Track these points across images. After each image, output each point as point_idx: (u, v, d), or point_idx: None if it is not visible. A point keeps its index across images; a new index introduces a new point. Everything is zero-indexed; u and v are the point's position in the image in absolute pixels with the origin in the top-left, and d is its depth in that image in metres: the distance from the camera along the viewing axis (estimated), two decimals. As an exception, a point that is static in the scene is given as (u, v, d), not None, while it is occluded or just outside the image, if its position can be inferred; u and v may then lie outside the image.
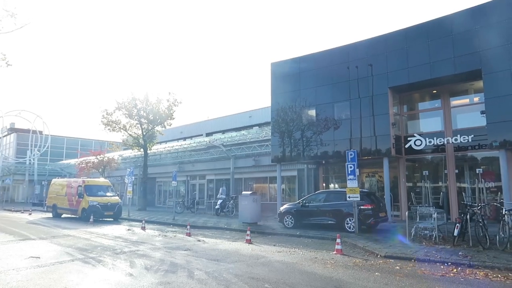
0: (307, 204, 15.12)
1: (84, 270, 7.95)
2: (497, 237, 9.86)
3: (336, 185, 21.28)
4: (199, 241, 12.51)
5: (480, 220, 10.27)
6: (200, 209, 26.57)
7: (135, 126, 28.45)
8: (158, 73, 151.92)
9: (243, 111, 31.36)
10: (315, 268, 8.17)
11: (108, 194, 22.03)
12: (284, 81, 20.94)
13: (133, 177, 24.17)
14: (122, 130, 28.61)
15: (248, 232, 12.38)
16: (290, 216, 15.37)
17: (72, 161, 43.76)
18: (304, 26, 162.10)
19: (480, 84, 15.07)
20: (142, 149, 28.70)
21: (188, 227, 14.45)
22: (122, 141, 31.48)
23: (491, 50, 14.34)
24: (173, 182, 21.11)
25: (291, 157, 20.24)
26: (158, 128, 28.85)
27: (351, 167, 13.22)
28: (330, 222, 14.25)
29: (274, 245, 11.50)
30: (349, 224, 13.61)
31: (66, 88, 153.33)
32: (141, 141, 28.27)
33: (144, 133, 27.87)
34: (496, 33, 14.27)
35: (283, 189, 24.43)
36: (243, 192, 18.55)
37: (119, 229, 16.30)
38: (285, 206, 16.37)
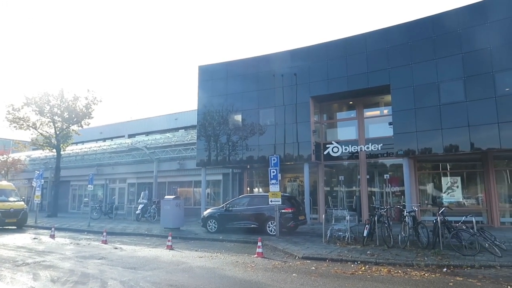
0: (230, 208, 15.21)
1: (-25, 286, 7.00)
2: (399, 236, 10.94)
3: (260, 189, 21.77)
4: (116, 248, 11.82)
5: (386, 222, 11.32)
6: (120, 215, 25.14)
7: (47, 124, 25.93)
8: (77, 70, 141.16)
9: (169, 113, 30.53)
10: (235, 272, 8.23)
11: (11, 199, 19.70)
12: (212, 85, 20.91)
13: (43, 180, 22.02)
14: (31, 128, 25.91)
15: (170, 238, 12.03)
16: (214, 221, 15.31)
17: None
18: (232, 31, 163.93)
19: (389, 98, 16.66)
20: (54, 150, 26.28)
21: (105, 234, 13.56)
22: (31, 140, 28.47)
23: (398, 68, 15.97)
24: (89, 185, 19.67)
25: (216, 161, 20.22)
26: (74, 127, 26.67)
27: (273, 172, 13.64)
28: (252, 225, 14.50)
29: (196, 250, 11.35)
30: (270, 228, 13.99)
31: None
32: (53, 141, 25.88)
33: (58, 132, 25.58)
34: (402, 53, 15.96)
35: (208, 193, 24.28)
36: (166, 197, 18.01)
37: (23, 238, 14.68)
38: (208, 210, 16.27)
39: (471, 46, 14.45)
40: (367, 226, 11.35)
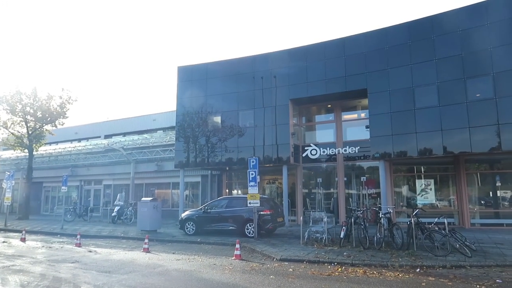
0: (209, 210, 15.11)
1: None
2: (375, 238, 11.15)
3: (239, 191, 21.75)
4: (90, 251, 11.53)
5: (362, 223, 11.52)
6: (95, 217, 24.52)
7: (19, 123, 25.00)
8: (52, 68, 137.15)
9: (147, 114, 30.08)
10: (213, 274, 8.18)
11: (-21, 201, 18.92)
12: (191, 86, 20.76)
13: (14, 182, 21.24)
14: (1, 127, 24.96)
15: (146, 241, 11.85)
16: (192, 223, 15.17)
17: None
18: (212, 32, 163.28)
19: (366, 101, 16.99)
20: (26, 150, 25.39)
21: (79, 236, 13.20)
22: (1, 140, 27.42)
23: (375, 72, 16.32)
24: (63, 187, 19.11)
25: (195, 163, 20.06)
26: (48, 127, 25.85)
27: (252, 174, 13.65)
28: (231, 228, 14.45)
29: (173, 253, 11.21)
30: (249, 230, 13.99)
31: None
32: (25, 141, 24.99)
33: (30, 132, 24.73)
34: (379, 57, 16.32)
35: (186, 195, 24.06)
36: (143, 199, 17.71)
37: (-9, 242, 14.12)
38: (186, 212, 16.11)
39: (444, 53, 14.94)
40: (344, 227, 11.51)
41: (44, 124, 25.15)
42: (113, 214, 21.03)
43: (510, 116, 13.48)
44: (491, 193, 16.32)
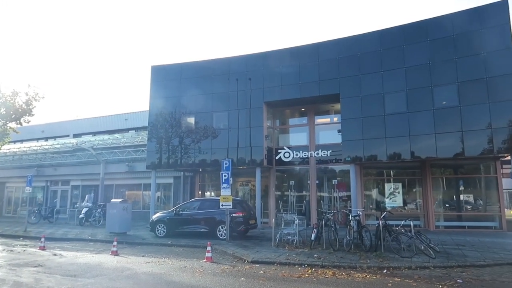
0: (180, 212, 14.93)
1: None
2: (345, 240, 11.38)
3: (213, 193, 21.61)
4: (55, 255, 11.12)
5: (333, 225, 11.73)
6: (61, 219, 23.65)
7: (-21, 120, 23.81)
8: (18, 64, 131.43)
9: (118, 113, 29.32)
10: (183, 277, 8.08)
11: None
12: (165, 86, 20.47)
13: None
14: (-40, 124, 23.64)
15: (115, 243, 11.56)
16: (163, 225, 14.94)
17: None
18: (188, 32, 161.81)
19: (338, 106, 17.32)
20: (-12, 148, 24.17)
21: (43, 239, 12.70)
22: (-40, 137, 25.97)
23: (347, 78, 16.69)
24: (27, 187, 18.35)
25: (168, 164, 19.77)
26: (12, 124, 24.68)
27: (225, 176, 13.62)
28: (203, 230, 14.34)
29: (142, 256, 10.99)
30: (221, 232, 13.92)
31: None
32: (-13, 138, 23.79)
33: (-7, 130, 23.56)
34: (351, 63, 16.71)
35: (158, 196, 23.66)
36: (112, 200, 17.26)
37: None
38: (157, 214, 15.85)
39: (413, 61, 15.49)
40: (314, 230, 11.67)
41: (8, 122, 23.99)
42: (80, 216, 20.39)
43: (473, 124, 14.14)
44: (454, 197, 17.04)
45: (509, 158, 14.30)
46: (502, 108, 13.73)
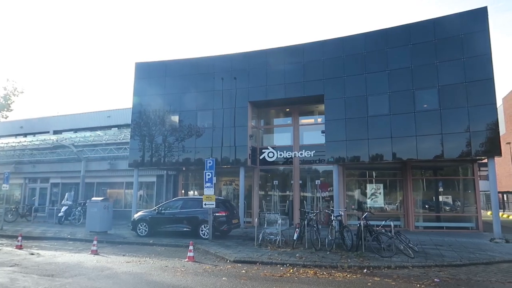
0: (163, 211, 14.79)
1: None
2: (327, 239, 11.49)
3: (196, 192, 21.49)
4: (32, 254, 10.86)
5: (315, 225, 11.83)
6: (40, 217, 23.10)
7: (-45, 114, 23.09)
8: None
9: (101, 110, 28.80)
10: (164, 277, 8.01)
11: None
12: (149, 83, 20.22)
13: None
14: None
15: (95, 242, 11.37)
16: (145, 224, 14.77)
17: None
18: (172, 30, 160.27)
19: (322, 107, 17.46)
20: (-37, 144, 23.43)
21: (20, 238, 12.38)
22: None
23: (332, 79, 16.84)
24: (4, 185, 17.85)
25: (151, 162, 19.54)
26: (-11, 120, 24.07)
27: (208, 175, 13.57)
28: (185, 229, 14.24)
29: (123, 255, 10.84)
30: (203, 231, 13.86)
31: None
32: (-37, 133, 23.08)
33: (-31, 125, 22.87)
34: (336, 65, 16.86)
35: (140, 195, 23.37)
36: (93, 198, 16.95)
37: None
38: (139, 213, 15.65)
39: (395, 64, 15.73)
40: (297, 229, 11.75)
41: (-15, 117, 23.37)
42: (60, 214, 19.96)
43: (452, 127, 14.47)
44: (434, 198, 17.42)
45: (486, 161, 14.69)
46: (480, 112, 14.10)
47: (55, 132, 28.93)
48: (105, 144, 24.14)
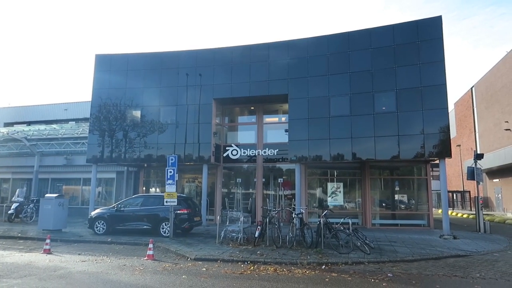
0: (122, 209, 14.38)
1: None
2: (288, 237, 11.68)
3: (158, 189, 21.07)
4: (-23, 254, 10.17)
5: (276, 223, 11.99)
6: (-13, 215, 21.68)
7: None
8: None
9: (57, 102, 27.46)
10: (121, 276, 7.79)
11: None
12: (110, 76, 19.51)
13: None
14: None
15: (48, 241, 10.84)
16: (102, 222, 14.28)
17: None
18: (133, 23, 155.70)
19: (286, 106, 17.71)
20: None
21: (-37, 237, 11.58)
22: None
23: (296, 79, 17.09)
24: None
25: (110, 158, 18.90)
26: None
27: (170, 172, 13.36)
28: (145, 227, 13.94)
29: (78, 254, 10.42)
30: (164, 229, 13.63)
31: None
32: None
33: None
34: (300, 65, 17.14)
35: (99, 192, 22.57)
36: (47, 195, 16.13)
37: None
38: (97, 210, 15.11)
39: (357, 67, 16.24)
40: (259, 227, 11.85)
41: None
42: (9, 212, 18.85)
43: (408, 129, 15.18)
44: (390, 196, 18.21)
45: (438, 161, 15.56)
46: (433, 115, 14.90)
47: (6, 125, 27.19)
48: (61, 138, 23.07)
